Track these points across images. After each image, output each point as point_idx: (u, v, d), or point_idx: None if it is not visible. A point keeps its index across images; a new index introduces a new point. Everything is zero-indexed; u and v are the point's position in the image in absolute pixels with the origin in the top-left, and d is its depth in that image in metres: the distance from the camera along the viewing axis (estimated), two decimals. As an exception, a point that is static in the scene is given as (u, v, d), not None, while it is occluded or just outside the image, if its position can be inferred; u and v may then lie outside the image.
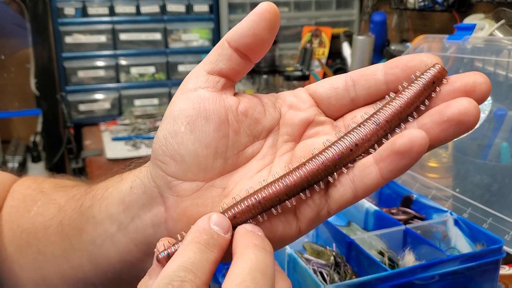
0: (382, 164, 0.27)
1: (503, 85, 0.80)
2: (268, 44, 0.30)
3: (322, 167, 0.28)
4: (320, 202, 0.30)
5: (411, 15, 1.59)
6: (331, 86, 0.31)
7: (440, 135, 0.27)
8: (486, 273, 0.55)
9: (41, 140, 1.82)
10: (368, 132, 0.28)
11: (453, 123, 0.26)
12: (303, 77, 1.52)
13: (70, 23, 1.70)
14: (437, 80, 0.28)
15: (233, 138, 0.30)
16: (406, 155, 0.26)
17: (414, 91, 0.28)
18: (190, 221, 0.29)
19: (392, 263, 0.58)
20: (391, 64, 0.30)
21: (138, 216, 0.31)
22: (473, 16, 1.16)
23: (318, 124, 0.31)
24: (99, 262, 0.34)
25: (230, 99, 0.30)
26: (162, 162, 0.30)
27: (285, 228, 0.30)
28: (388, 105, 0.28)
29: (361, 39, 1.26)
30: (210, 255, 0.26)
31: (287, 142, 0.32)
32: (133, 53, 1.77)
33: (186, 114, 0.29)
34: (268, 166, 0.31)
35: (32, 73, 1.77)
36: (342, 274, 0.56)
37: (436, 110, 0.27)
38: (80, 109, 1.74)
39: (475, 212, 0.68)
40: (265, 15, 0.29)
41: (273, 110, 0.32)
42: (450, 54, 0.89)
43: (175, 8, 1.80)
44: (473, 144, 0.77)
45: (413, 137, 0.26)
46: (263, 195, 0.28)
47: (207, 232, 0.27)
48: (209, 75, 0.30)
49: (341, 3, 1.96)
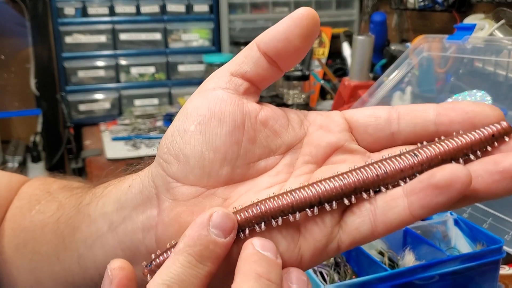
0: (414, 198, 0.24)
1: (503, 85, 0.80)
2: (301, 53, 0.28)
3: (339, 187, 0.25)
4: (332, 229, 0.26)
5: (411, 15, 1.59)
6: (372, 114, 0.28)
7: (490, 187, 0.23)
8: (486, 273, 0.55)
9: (41, 140, 1.82)
10: (403, 163, 0.25)
11: (508, 175, 0.23)
12: (303, 77, 1.52)
13: (70, 23, 1.70)
14: (498, 134, 0.24)
15: (246, 146, 0.28)
16: (444, 191, 0.23)
17: (468, 138, 0.24)
18: (181, 229, 0.26)
19: (392, 263, 0.58)
20: (447, 106, 0.26)
21: (130, 218, 0.29)
22: (473, 16, 1.16)
23: (348, 152, 0.28)
24: (87, 265, 0.32)
25: (250, 104, 0.28)
26: (165, 160, 0.28)
27: (288, 248, 0.26)
28: (435, 144, 0.25)
29: (361, 39, 1.26)
30: (202, 269, 0.24)
31: (307, 164, 0.28)
32: (133, 53, 1.77)
33: (200, 112, 0.27)
34: (280, 184, 0.28)
35: (32, 73, 1.77)
36: (342, 274, 0.56)
37: (492, 158, 0.24)
38: (80, 109, 1.74)
39: (475, 212, 0.68)
40: (301, 21, 0.27)
41: (298, 127, 0.29)
42: (450, 54, 0.89)
43: (175, 8, 1.80)
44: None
45: (456, 171, 0.22)
46: (265, 204, 0.25)
47: (202, 241, 0.24)
48: (232, 76, 0.28)
49: (341, 3, 1.96)
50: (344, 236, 0.26)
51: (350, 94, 1.23)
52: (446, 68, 0.89)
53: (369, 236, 0.26)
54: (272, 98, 1.52)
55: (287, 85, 1.54)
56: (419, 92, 0.95)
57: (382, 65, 1.41)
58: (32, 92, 1.79)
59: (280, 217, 0.25)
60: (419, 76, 0.96)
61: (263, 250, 0.24)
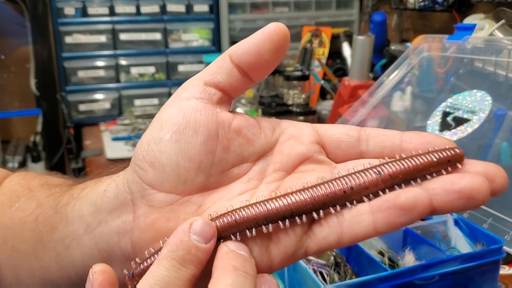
0: (379, 216, 0.26)
1: (503, 85, 0.80)
2: (271, 66, 0.29)
3: (310, 201, 0.27)
4: (301, 238, 0.28)
5: (411, 15, 1.59)
6: (345, 132, 0.30)
7: (446, 205, 0.25)
8: (486, 273, 0.55)
9: (41, 140, 1.82)
10: (368, 180, 0.27)
11: (463, 195, 0.25)
12: (303, 77, 1.52)
13: (70, 23, 1.70)
14: (453, 160, 0.27)
15: (220, 155, 0.29)
16: (407, 212, 0.25)
17: (427, 159, 0.27)
18: (157, 234, 0.28)
19: (392, 263, 0.58)
20: (412, 135, 0.29)
21: (106, 222, 0.30)
22: (473, 16, 1.16)
23: (316, 162, 0.30)
24: (65, 264, 0.33)
25: (224, 114, 0.29)
26: (141, 168, 0.28)
27: (260, 254, 0.27)
28: (397, 162, 0.27)
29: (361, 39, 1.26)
30: (186, 272, 0.25)
31: (277, 171, 0.30)
32: (133, 53, 1.77)
33: (175, 122, 0.28)
34: (251, 190, 0.29)
35: (32, 73, 1.77)
36: (342, 274, 0.56)
37: (449, 178, 0.26)
38: (80, 109, 1.74)
39: (475, 212, 0.68)
40: (272, 36, 0.28)
41: (270, 135, 0.30)
42: (450, 54, 0.89)
43: (175, 8, 1.80)
44: (473, 144, 0.77)
45: (419, 196, 0.25)
46: (241, 214, 0.27)
47: (184, 246, 0.25)
48: (206, 86, 0.29)
49: (341, 3, 1.96)
50: (312, 244, 0.28)
51: (350, 94, 1.23)
52: (446, 68, 0.89)
53: (335, 245, 0.27)
54: (272, 98, 1.52)
55: (287, 85, 1.54)
56: (419, 92, 0.95)
57: (382, 65, 1.41)
58: (32, 92, 1.79)
59: (254, 227, 0.27)
60: (419, 76, 0.96)
61: (238, 250, 0.26)
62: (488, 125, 0.75)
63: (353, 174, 0.27)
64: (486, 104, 0.77)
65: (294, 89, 1.52)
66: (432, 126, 0.82)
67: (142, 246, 0.28)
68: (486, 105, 0.76)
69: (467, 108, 0.79)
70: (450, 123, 0.80)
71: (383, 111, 0.95)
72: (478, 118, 0.76)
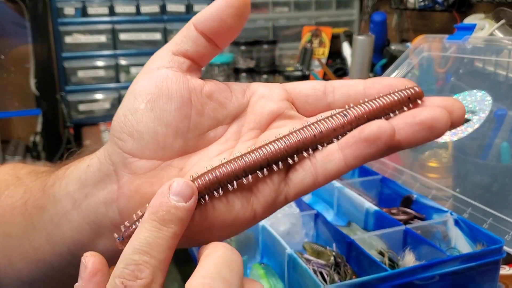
0: (347, 151, 0.28)
1: (503, 85, 0.80)
2: (235, 31, 0.30)
3: (283, 148, 0.29)
4: (279, 186, 0.29)
5: (411, 15, 1.59)
6: (312, 87, 0.32)
7: (410, 137, 0.27)
8: (486, 273, 0.55)
9: (41, 140, 1.82)
10: (335, 123, 0.29)
11: (425, 126, 0.27)
12: (303, 77, 1.52)
13: (70, 23, 1.70)
14: (413, 97, 0.29)
15: (195, 119, 0.30)
16: (372, 144, 0.27)
17: (388, 99, 0.29)
18: (143, 200, 0.29)
19: (392, 263, 0.58)
20: (373, 80, 0.31)
21: (92, 194, 0.31)
22: (473, 16, 1.16)
23: (287, 118, 0.31)
24: (56, 242, 0.34)
25: (194, 80, 0.30)
26: (120, 139, 0.30)
27: (242, 206, 0.29)
28: (360, 105, 0.29)
29: (361, 39, 1.26)
30: (167, 231, 0.26)
31: (252, 130, 0.31)
32: (133, 53, 1.77)
33: (148, 91, 0.29)
34: (229, 150, 0.31)
35: (32, 73, 1.77)
36: (342, 274, 0.56)
37: (410, 112, 0.28)
38: (80, 109, 1.74)
39: (475, 212, 0.68)
40: (232, 1, 0.29)
41: (241, 97, 0.32)
42: (450, 54, 0.89)
43: (175, 8, 1.80)
44: (473, 144, 0.77)
45: (383, 126, 0.27)
46: (220, 170, 0.28)
47: (164, 207, 0.26)
48: (174, 55, 0.30)
49: (341, 3, 1.96)
50: (290, 190, 0.30)
51: (350, 94, 1.23)
52: (446, 68, 0.89)
53: (312, 186, 0.29)
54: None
55: (287, 85, 1.54)
56: (419, 92, 0.95)
57: (382, 65, 1.41)
58: (32, 92, 1.79)
59: (235, 181, 0.28)
60: (419, 76, 0.96)
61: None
62: (488, 125, 0.75)
63: (322, 120, 0.29)
64: (486, 104, 0.77)
65: (294, 89, 1.52)
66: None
67: (129, 213, 0.29)
68: (486, 105, 0.76)
69: (467, 108, 0.79)
70: (450, 123, 0.80)
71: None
72: (478, 118, 0.76)
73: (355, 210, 0.71)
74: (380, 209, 0.68)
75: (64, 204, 0.33)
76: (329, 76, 1.52)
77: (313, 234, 0.68)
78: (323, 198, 0.81)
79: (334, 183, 0.75)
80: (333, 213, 0.77)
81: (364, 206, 0.69)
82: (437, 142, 0.81)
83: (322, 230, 0.66)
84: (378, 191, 0.78)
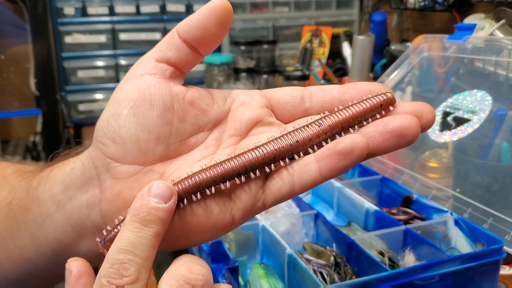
0: (323, 163, 0.29)
1: (503, 85, 0.80)
2: (218, 39, 0.31)
3: (261, 157, 0.30)
4: (257, 192, 0.30)
5: (411, 15, 1.59)
6: (289, 93, 0.33)
7: (381, 145, 0.29)
8: (486, 273, 0.55)
9: (40, 140, 1.82)
10: (310, 132, 0.30)
11: (395, 134, 0.28)
12: (303, 77, 1.52)
13: (70, 23, 1.70)
14: (385, 104, 0.30)
15: (177, 125, 0.31)
16: (346, 157, 0.28)
17: (361, 107, 0.30)
18: (124, 204, 0.30)
19: (392, 263, 0.58)
20: (348, 86, 0.32)
21: (75, 197, 0.32)
22: (473, 16, 1.16)
23: (267, 124, 0.32)
24: (40, 242, 0.35)
25: (177, 87, 0.31)
26: (102, 144, 0.30)
27: (221, 211, 0.30)
28: (334, 114, 0.30)
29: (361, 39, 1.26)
30: (149, 231, 0.27)
31: (232, 137, 0.32)
32: (133, 53, 1.77)
33: (131, 97, 0.30)
34: (210, 156, 0.32)
35: (31, 73, 1.77)
36: (342, 274, 0.56)
37: (382, 121, 0.29)
38: (80, 109, 1.74)
39: (475, 212, 0.68)
40: (216, 11, 0.30)
41: (222, 104, 0.32)
42: (450, 54, 0.89)
43: (175, 8, 1.80)
44: (473, 144, 0.77)
45: (356, 140, 0.28)
46: (199, 176, 0.29)
47: (144, 208, 0.27)
48: (158, 62, 0.31)
49: (341, 3, 1.96)
50: (268, 197, 0.31)
51: (350, 94, 1.23)
52: (446, 68, 0.89)
53: (289, 194, 0.30)
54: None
55: (287, 85, 1.53)
56: (419, 92, 0.95)
57: (382, 65, 1.41)
58: (32, 92, 1.79)
59: (213, 186, 0.29)
60: (419, 76, 0.96)
61: None
62: (488, 125, 0.75)
63: (298, 129, 0.30)
64: (486, 104, 0.77)
65: (294, 89, 1.52)
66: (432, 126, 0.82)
67: (111, 216, 0.30)
68: (486, 105, 0.76)
69: (467, 108, 0.79)
70: (451, 123, 0.80)
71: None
72: (478, 118, 0.76)
73: (355, 210, 0.71)
74: (380, 209, 0.68)
75: (48, 205, 0.33)
76: (329, 76, 1.52)
77: (313, 234, 0.68)
78: (323, 198, 0.80)
79: (334, 183, 0.75)
80: (333, 213, 0.77)
81: (364, 206, 0.69)
82: (437, 142, 0.81)
83: (322, 230, 0.66)
84: (378, 191, 0.78)
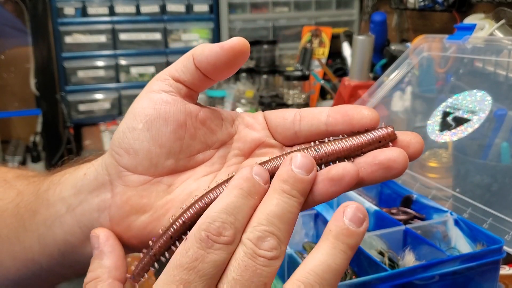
0: (315, 187, 0.30)
1: (503, 85, 0.80)
2: (230, 72, 0.32)
3: None
4: None
5: (411, 15, 1.59)
6: (281, 116, 0.34)
7: (369, 175, 0.30)
8: (486, 273, 0.55)
9: (41, 140, 1.82)
10: None
11: (383, 166, 0.29)
12: (303, 77, 1.52)
13: (70, 23, 1.70)
14: (384, 140, 0.31)
15: (187, 142, 0.33)
16: (337, 183, 0.29)
17: (360, 141, 0.31)
18: (131, 210, 0.32)
19: (392, 263, 0.58)
20: (334, 109, 0.32)
21: (86, 200, 0.33)
22: (473, 16, 1.16)
23: (268, 146, 0.34)
24: (47, 243, 0.35)
25: (191, 106, 0.33)
26: (117, 153, 0.32)
27: None
28: (334, 142, 0.31)
29: (361, 39, 1.26)
30: (251, 201, 0.28)
31: (237, 156, 0.34)
32: (133, 53, 1.77)
33: (146, 112, 0.32)
34: (214, 172, 0.34)
35: (32, 73, 1.77)
36: (342, 274, 0.56)
37: (372, 153, 0.30)
38: (80, 109, 1.74)
39: (475, 212, 0.68)
40: (229, 52, 0.31)
41: (230, 126, 0.35)
42: (450, 54, 0.89)
43: (175, 8, 1.80)
44: (473, 144, 0.77)
45: (347, 168, 0.29)
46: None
47: (250, 180, 0.29)
48: (174, 81, 0.33)
49: (341, 3, 1.96)
50: None
51: (350, 94, 1.23)
52: (446, 68, 0.89)
53: None
54: (272, 98, 1.52)
55: (287, 85, 1.54)
56: (419, 92, 0.95)
57: (382, 65, 1.41)
58: (32, 92, 1.79)
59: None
60: (419, 76, 0.96)
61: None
62: (488, 125, 0.75)
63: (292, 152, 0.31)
64: (486, 104, 0.77)
65: (294, 89, 1.52)
66: (432, 126, 0.82)
67: (118, 220, 0.32)
68: (486, 105, 0.76)
69: (467, 108, 0.79)
70: (450, 123, 0.80)
71: (383, 111, 0.95)
72: (478, 118, 0.76)
73: (355, 210, 0.71)
74: (380, 209, 0.68)
75: (58, 208, 0.35)
76: (329, 76, 1.52)
77: (313, 234, 0.68)
78: (323, 198, 0.80)
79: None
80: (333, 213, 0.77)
81: (364, 206, 0.69)
82: (437, 142, 0.81)
83: (322, 230, 0.66)
84: (378, 191, 0.78)
